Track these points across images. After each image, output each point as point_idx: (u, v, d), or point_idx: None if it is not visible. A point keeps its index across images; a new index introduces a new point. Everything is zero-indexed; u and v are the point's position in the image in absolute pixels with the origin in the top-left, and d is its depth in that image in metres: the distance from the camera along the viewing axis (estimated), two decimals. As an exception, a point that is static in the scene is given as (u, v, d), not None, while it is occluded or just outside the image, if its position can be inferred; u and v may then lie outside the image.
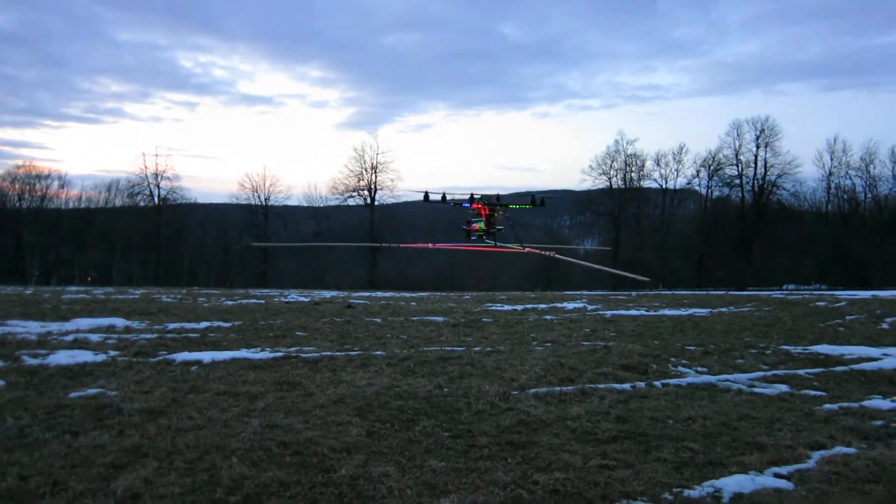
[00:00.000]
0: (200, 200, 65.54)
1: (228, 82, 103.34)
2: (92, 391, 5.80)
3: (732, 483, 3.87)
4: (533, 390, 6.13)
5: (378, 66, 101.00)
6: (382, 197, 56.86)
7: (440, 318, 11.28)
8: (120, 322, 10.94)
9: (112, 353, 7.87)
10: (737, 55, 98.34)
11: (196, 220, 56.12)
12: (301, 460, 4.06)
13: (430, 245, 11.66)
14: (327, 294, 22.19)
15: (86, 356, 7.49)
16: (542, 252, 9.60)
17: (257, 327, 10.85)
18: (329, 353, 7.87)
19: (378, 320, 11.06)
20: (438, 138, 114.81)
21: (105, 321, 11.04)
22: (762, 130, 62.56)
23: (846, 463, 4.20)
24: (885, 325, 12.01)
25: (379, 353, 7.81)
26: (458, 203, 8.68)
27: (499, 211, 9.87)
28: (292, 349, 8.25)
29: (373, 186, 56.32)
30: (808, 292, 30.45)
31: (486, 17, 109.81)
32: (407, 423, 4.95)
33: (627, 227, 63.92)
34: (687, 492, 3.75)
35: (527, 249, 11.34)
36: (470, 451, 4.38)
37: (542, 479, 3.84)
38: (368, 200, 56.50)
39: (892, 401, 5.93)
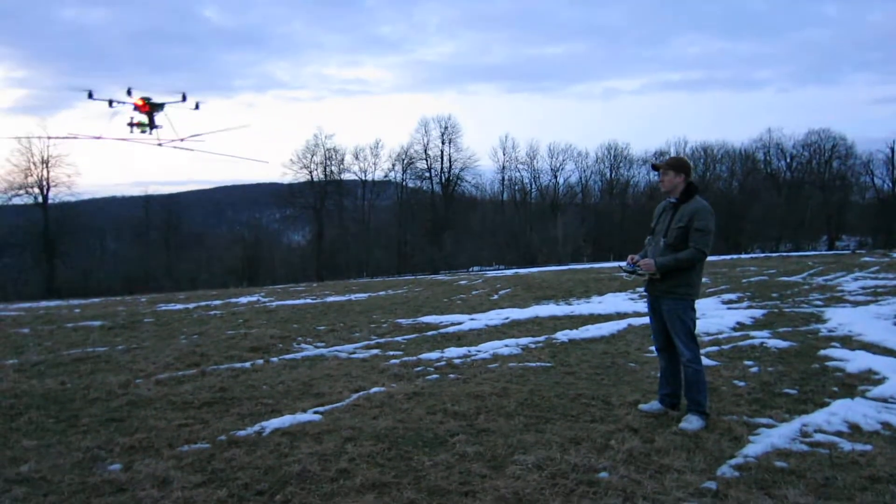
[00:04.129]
0: None
1: None
2: None
3: (276, 422, 5.22)
4: (157, 377, 6.98)
5: (55, 43, 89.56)
6: (58, 195, 51.15)
7: (97, 323, 11.41)
8: None
9: None
10: (436, 55, 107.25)
11: None
12: None
13: (97, 137, 12.51)
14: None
15: None
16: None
17: None
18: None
19: (25, 330, 10.82)
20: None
21: None
22: (446, 128, 69.61)
23: (368, 398, 5.86)
24: (495, 297, 15.03)
25: (10, 361, 7.95)
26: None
27: (157, 109, 11.59)
28: None
29: (45, 183, 50.34)
30: (480, 272, 35.27)
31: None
32: (13, 416, 5.48)
33: (330, 219, 66.26)
34: (239, 432, 4.99)
35: (178, 142, 12.66)
36: (68, 430, 5.14)
37: (123, 441, 4.78)
38: (40, 199, 50.36)
39: (440, 353, 7.98)
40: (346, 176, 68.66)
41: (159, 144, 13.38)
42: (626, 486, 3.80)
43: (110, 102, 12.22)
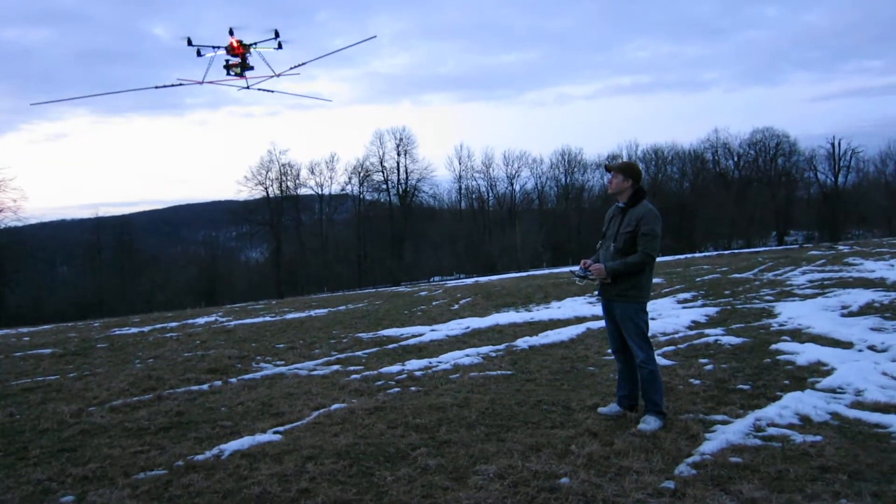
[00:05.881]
0: None
1: None
2: None
3: (235, 444, 5.13)
4: (110, 403, 6.80)
5: None
6: (4, 220, 49.51)
7: (47, 350, 11.07)
8: None
9: None
10: (389, 67, 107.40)
11: None
12: None
13: (200, 82, 12.73)
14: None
15: None
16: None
17: None
18: None
19: (-30, 361, 10.44)
20: (80, 149, 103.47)
21: None
22: (401, 139, 69.78)
23: (329, 415, 5.80)
24: (455, 307, 15.05)
25: (-45, 394, 7.65)
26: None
27: (248, 50, 12.14)
28: None
29: (-10, 209, 48.66)
30: (440, 282, 35.30)
31: (131, 15, 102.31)
32: (-42, 452, 5.29)
33: (288, 234, 65.65)
34: (197, 457, 4.90)
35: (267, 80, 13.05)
36: (17, 463, 4.96)
37: (75, 471, 4.64)
38: (-15, 225, 48.67)
39: (401, 366, 7.96)
40: (303, 191, 68.23)
41: (247, 87, 13.88)
42: (586, 490, 3.85)
43: (198, 52, 13.12)
